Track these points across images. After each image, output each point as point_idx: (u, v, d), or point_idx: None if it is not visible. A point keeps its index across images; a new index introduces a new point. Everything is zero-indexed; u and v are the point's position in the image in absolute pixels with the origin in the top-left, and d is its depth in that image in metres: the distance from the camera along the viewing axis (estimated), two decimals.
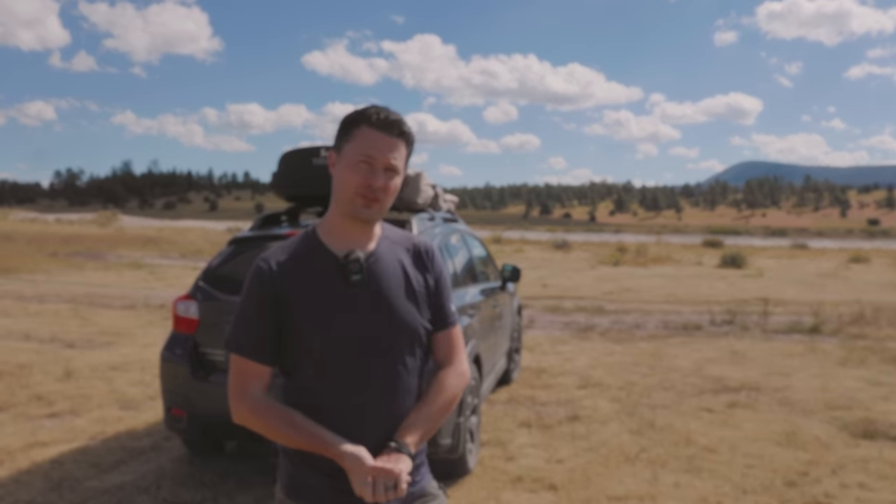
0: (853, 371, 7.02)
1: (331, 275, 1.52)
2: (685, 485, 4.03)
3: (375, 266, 1.55)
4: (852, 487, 3.99)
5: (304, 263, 1.53)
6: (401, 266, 1.60)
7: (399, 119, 1.53)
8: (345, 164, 1.52)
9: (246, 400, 1.51)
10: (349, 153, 1.52)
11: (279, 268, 1.52)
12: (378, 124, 1.51)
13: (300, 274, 1.52)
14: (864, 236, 69.32)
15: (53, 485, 3.93)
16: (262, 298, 1.50)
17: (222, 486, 3.96)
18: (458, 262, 4.94)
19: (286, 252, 1.55)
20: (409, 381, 1.57)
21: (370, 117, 1.51)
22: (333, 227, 1.57)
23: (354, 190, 1.51)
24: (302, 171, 4.36)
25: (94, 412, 5.33)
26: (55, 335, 8.50)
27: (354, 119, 1.53)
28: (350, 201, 1.52)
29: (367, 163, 1.51)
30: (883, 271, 22.00)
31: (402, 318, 1.55)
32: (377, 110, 1.52)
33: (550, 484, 4.04)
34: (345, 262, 1.52)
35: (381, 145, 1.51)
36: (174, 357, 4.04)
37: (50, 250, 23.01)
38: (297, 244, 1.57)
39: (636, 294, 14.48)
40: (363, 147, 1.51)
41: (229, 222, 63.72)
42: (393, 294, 1.55)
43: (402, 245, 1.64)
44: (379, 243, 1.59)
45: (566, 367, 7.15)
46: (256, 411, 1.50)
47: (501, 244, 34.09)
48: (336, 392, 1.51)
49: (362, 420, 1.51)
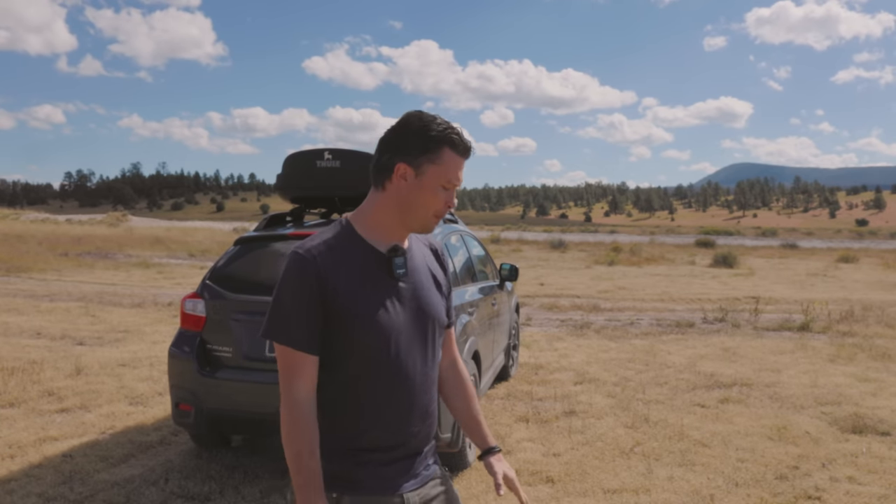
0: (842, 367, 7.14)
1: (376, 269, 1.53)
2: (679, 478, 4.11)
3: (411, 262, 1.60)
4: (842, 481, 4.07)
5: (349, 257, 1.52)
6: (427, 263, 1.66)
7: (471, 141, 1.56)
8: (426, 186, 1.51)
9: (291, 394, 1.47)
10: (434, 176, 1.51)
11: (323, 259, 1.48)
12: (463, 151, 1.53)
13: (346, 267, 1.50)
14: (852, 236, 69.64)
15: (64, 478, 3.99)
16: (310, 289, 1.46)
17: (229, 480, 4.02)
18: (458, 262, 5.02)
19: (326, 244, 1.52)
20: (436, 374, 1.66)
21: (454, 142, 1.50)
22: (378, 225, 1.56)
23: (434, 212, 1.54)
24: (306, 173, 4.43)
25: (104, 407, 5.39)
26: (66, 332, 8.54)
27: (438, 139, 1.49)
28: (425, 220, 1.55)
29: (447, 187, 1.53)
30: (871, 271, 22.17)
31: (434, 311, 1.61)
32: (457, 133, 1.51)
33: (547, 477, 4.11)
34: (391, 256, 1.54)
35: (461, 172, 1.54)
36: (182, 353, 4.10)
37: (61, 250, 22.93)
38: (334, 237, 1.54)
39: (631, 292, 14.59)
40: (450, 174, 1.52)
41: (235, 223, 63.55)
42: (426, 288, 1.61)
43: (423, 243, 1.70)
44: (410, 240, 1.63)
45: (563, 364, 7.24)
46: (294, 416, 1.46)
47: (500, 244, 34.10)
48: (380, 385, 1.52)
49: (404, 412, 1.55)
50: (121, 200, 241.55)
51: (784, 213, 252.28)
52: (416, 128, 1.50)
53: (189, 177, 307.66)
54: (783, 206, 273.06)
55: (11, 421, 5.02)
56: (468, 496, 3.87)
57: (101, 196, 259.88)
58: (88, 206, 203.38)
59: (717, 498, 3.84)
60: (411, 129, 1.51)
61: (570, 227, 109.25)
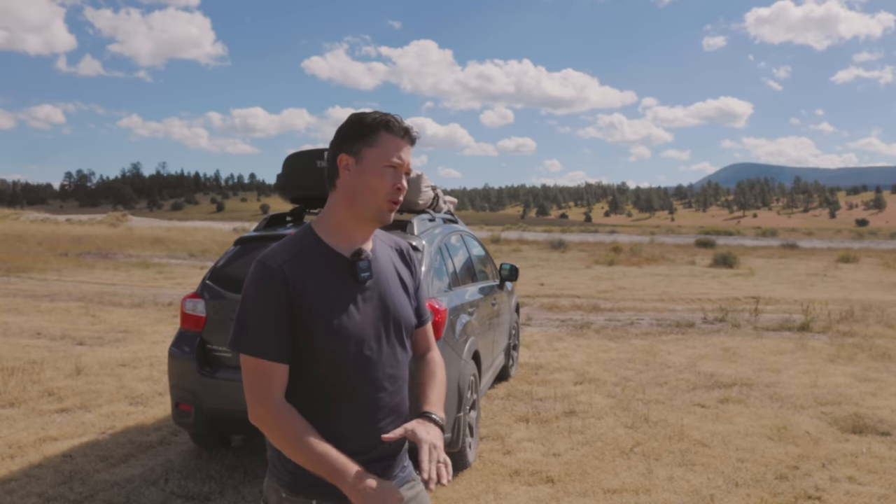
0: (842, 367, 7.14)
1: (340, 274, 1.54)
2: (679, 478, 4.11)
3: (375, 264, 1.61)
4: (842, 481, 4.07)
5: (312, 263, 1.53)
6: (393, 264, 1.67)
7: (411, 126, 1.59)
8: (368, 169, 1.54)
9: (269, 402, 1.47)
10: (374, 159, 1.54)
11: (290, 268, 1.50)
12: (399, 131, 1.56)
13: (312, 274, 1.52)
14: (852, 237, 69.66)
15: (64, 478, 4.00)
16: (277, 298, 1.47)
17: (229, 479, 4.03)
18: (458, 262, 5.02)
19: (289, 252, 1.53)
20: (405, 373, 1.65)
21: (390, 124, 1.54)
22: (338, 227, 1.57)
23: (384, 195, 1.55)
24: (306, 173, 4.43)
25: (104, 407, 5.39)
26: (66, 332, 8.55)
27: (373, 125, 1.54)
28: (377, 206, 1.55)
29: (393, 168, 1.55)
30: (871, 271, 22.16)
31: (400, 312, 1.63)
32: (392, 117, 1.56)
33: (548, 477, 4.12)
34: (354, 260, 1.56)
35: (403, 151, 1.56)
36: (182, 353, 4.11)
37: (61, 250, 22.98)
38: (296, 244, 1.55)
39: (631, 293, 14.59)
40: (390, 153, 1.54)
41: (236, 223, 63.54)
42: (391, 290, 1.62)
43: (389, 244, 1.71)
44: (374, 243, 1.65)
45: (563, 364, 7.24)
46: (278, 417, 1.47)
47: (500, 244, 34.10)
48: (348, 389, 1.53)
49: (373, 415, 1.55)
50: (121, 200, 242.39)
51: (784, 214, 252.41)
52: (351, 121, 1.57)
53: (189, 177, 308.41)
54: (783, 207, 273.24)
55: (11, 421, 5.03)
56: (468, 496, 3.87)
57: (101, 196, 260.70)
58: (88, 206, 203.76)
59: (718, 498, 3.84)
60: (348, 123, 1.58)
61: (571, 227, 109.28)
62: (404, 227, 4.36)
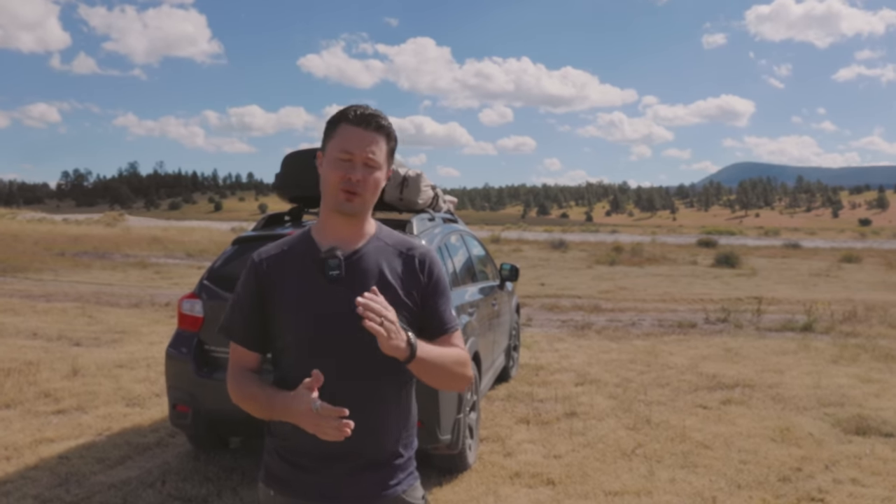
0: (845, 368, 7.11)
1: (312, 268, 1.56)
2: (681, 480, 4.09)
3: (357, 264, 1.57)
4: (845, 483, 4.05)
5: (292, 256, 1.60)
6: (382, 267, 1.59)
7: (376, 113, 1.56)
8: (327, 161, 1.57)
9: (231, 376, 1.60)
10: (330, 150, 1.56)
11: (269, 260, 1.60)
12: (355, 120, 1.55)
13: (286, 266, 1.59)
14: (855, 236, 69.57)
15: (60, 480, 3.98)
16: (251, 288, 1.59)
17: (227, 482, 4.01)
18: (458, 262, 5.00)
19: (279, 247, 1.63)
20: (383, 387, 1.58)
21: (348, 114, 1.56)
22: (323, 223, 1.61)
23: (335, 185, 1.55)
24: (304, 172, 4.40)
25: (101, 409, 5.37)
26: (62, 333, 8.52)
27: (335, 118, 1.58)
28: (333, 196, 1.56)
29: (346, 159, 1.54)
30: (874, 271, 22.12)
31: None
32: (356, 107, 1.57)
33: (548, 479, 4.10)
34: (324, 256, 1.55)
35: (358, 140, 1.54)
36: (179, 354, 4.08)
37: (57, 250, 22.98)
38: (291, 240, 1.64)
39: (632, 293, 14.57)
40: (342, 143, 1.54)
41: (233, 222, 63.51)
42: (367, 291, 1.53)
43: (395, 248, 1.63)
44: (368, 242, 1.60)
45: (563, 365, 7.22)
46: (233, 385, 1.58)
47: (500, 244, 34.07)
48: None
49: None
50: (118, 200, 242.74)
51: (787, 213, 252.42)
52: (327, 120, 1.62)
53: (186, 176, 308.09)
54: (786, 206, 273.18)
55: (7, 422, 5.01)
56: (468, 498, 3.86)
57: (98, 195, 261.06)
58: (85, 206, 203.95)
59: (720, 500, 3.82)
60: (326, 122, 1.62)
61: (571, 226, 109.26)
62: (403, 227, 4.32)
